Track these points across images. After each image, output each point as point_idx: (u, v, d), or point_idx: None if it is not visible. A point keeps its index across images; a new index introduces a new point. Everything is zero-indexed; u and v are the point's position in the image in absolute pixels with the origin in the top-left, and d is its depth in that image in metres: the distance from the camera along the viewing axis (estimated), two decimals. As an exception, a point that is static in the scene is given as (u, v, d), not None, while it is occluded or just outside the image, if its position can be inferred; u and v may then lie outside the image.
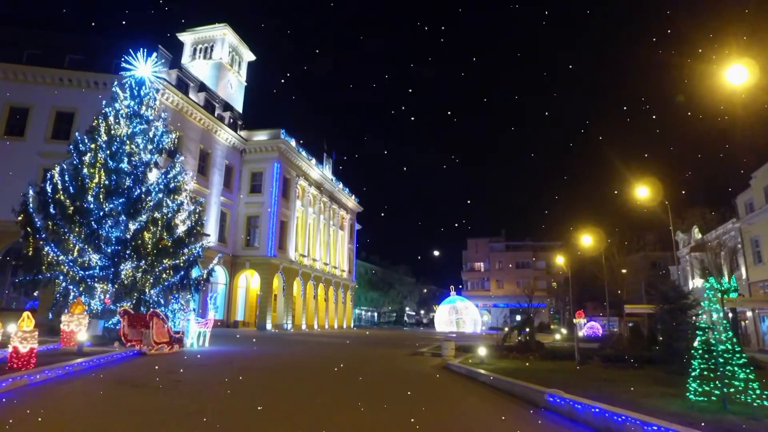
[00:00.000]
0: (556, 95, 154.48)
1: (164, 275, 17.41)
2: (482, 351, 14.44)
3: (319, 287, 50.96)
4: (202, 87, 40.97)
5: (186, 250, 18.25)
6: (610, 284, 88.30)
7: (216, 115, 40.54)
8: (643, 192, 29.82)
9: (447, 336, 44.59)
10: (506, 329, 24.34)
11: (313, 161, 49.53)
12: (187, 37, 54.34)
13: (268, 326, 39.82)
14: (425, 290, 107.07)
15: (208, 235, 36.11)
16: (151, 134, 18.91)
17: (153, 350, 13.99)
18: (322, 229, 52.88)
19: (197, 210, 19.71)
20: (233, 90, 53.32)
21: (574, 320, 69.54)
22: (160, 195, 18.08)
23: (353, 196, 62.78)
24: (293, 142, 44.92)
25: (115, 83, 19.35)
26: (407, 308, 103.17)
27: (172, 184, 18.51)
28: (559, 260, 71.25)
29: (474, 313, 66.89)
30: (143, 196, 17.73)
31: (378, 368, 14.23)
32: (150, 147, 18.69)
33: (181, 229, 18.36)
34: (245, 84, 56.82)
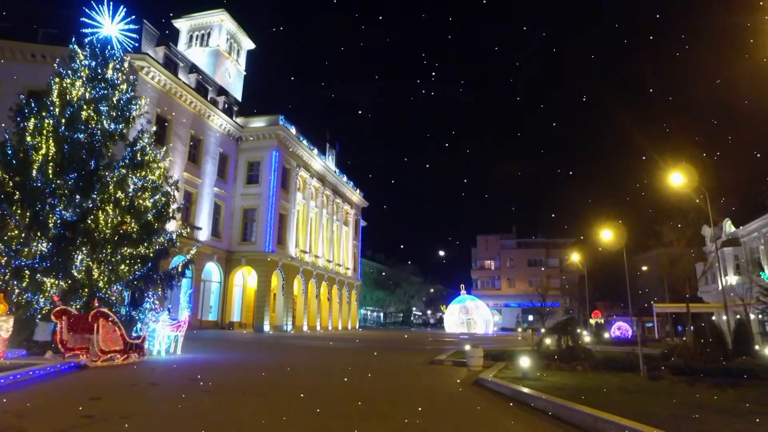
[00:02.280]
0: (568, 84, 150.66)
1: (125, 267, 14.19)
2: (524, 362, 11.15)
3: (322, 286, 47.78)
4: (193, 68, 37.88)
5: (155, 239, 15.01)
6: (626, 283, 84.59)
7: (209, 98, 37.44)
8: (677, 178, 26.60)
9: (459, 338, 41.46)
10: (543, 330, 20.96)
11: (315, 151, 46.35)
12: (182, 24, 51.44)
13: (266, 328, 36.66)
14: (432, 290, 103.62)
15: (200, 229, 33.25)
16: (115, 100, 15.73)
17: (99, 361, 10.85)
18: (324, 224, 49.71)
19: (171, 190, 16.48)
20: (231, 79, 50.40)
21: (591, 320, 66.24)
22: (123, 171, 14.89)
23: (358, 190, 59.56)
24: (293, 130, 41.76)
25: (73, 40, 16.18)
26: (414, 308, 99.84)
27: (139, 158, 15.32)
28: (575, 257, 67.94)
29: (485, 313, 63.51)
30: (102, 171, 14.56)
31: (391, 385, 11.00)
32: (114, 114, 15.51)
33: (150, 213, 15.14)
34: (244, 73, 53.91)
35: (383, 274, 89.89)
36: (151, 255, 14.84)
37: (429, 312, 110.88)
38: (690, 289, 65.49)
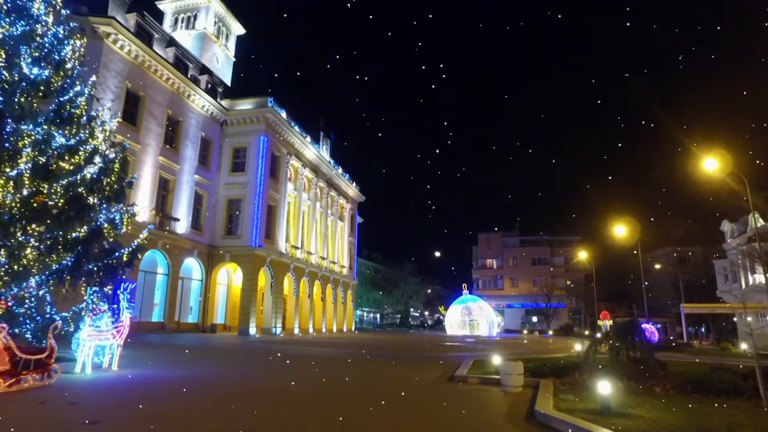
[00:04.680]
0: (576, 76, 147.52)
1: (46, 253, 10.50)
2: (604, 387, 7.53)
3: (315, 285, 44.07)
4: (172, 42, 34.12)
5: (88, 217, 11.33)
6: (634, 282, 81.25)
7: (189, 76, 33.69)
8: (711, 164, 23.23)
9: (464, 341, 37.90)
10: (598, 335, 17.25)
11: (308, 139, 42.64)
12: (167, 6, 47.75)
13: (252, 331, 32.94)
14: (429, 290, 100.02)
15: (178, 220, 29.06)
16: (39, 39, 12.03)
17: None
18: (318, 219, 46.01)
19: (117, 157, 12.80)
20: (220, 65, 46.75)
21: (599, 322, 62.74)
22: (46, 127, 11.20)
23: (354, 183, 55.85)
24: (284, 114, 38.06)
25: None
26: (412, 309, 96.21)
27: (69, 110, 11.63)
28: (582, 255, 64.52)
29: (489, 313, 59.99)
30: (15, 126, 10.87)
31: (407, 426, 7.38)
32: (36, 54, 11.81)
33: (80, 181, 11.45)
34: (234, 60, 50.25)
35: (380, 274, 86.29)
36: (81, 237, 11.12)
37: (427, 313, 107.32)
38: (699, 290, 62.49)
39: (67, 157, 11.40)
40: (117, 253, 12.38)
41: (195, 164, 33.56)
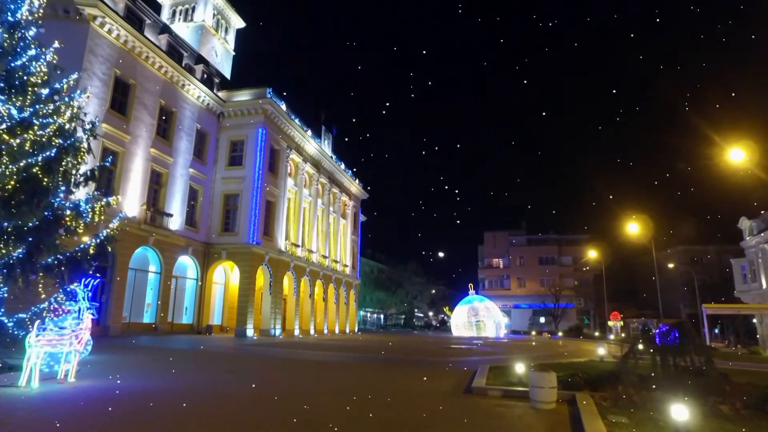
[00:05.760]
0: (585, 68, 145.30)
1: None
2: (679, 411, 5.79)
3: (317, 285, 42.39)
4: (165, 29, 32.52)
5: (50, 202, 9.67)
6: (643, 282, 79.03)
7: (183, 65, 32.07)
8: (737, 155, 21.45)
9: (472, 342, 36.07)
10: (647, 331, 15.23)
11: (309, 133, 40.95)
12: (165, -3, 46.25)
13: (250, 332, 31.29)
14: (434, 291, 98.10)
15: (171, 216, 27.20)
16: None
17: None
18: (320, 216, 44.32)
19: (85, 137, 11.14)
20: (219, 58, 45.23)
21: (609, 323, 60.68)
22: (-6, 96, 9.54)
23: (357, 180, 54.12)
24: (283, 106, 36.39)
25: None
26: (416, 310, 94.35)
27: (21, 77, 9.98)
28: (592, 254, 62.61)
29: (496, 314, 58.15)
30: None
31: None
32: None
33: (37, 160, 9.78)
34: (233, 54, 48.72)
35: (384, 273, 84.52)
36: (35, 228, 9.45)
37: (431, 314, 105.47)
38: (713, 290, 60.46)
39: (19, 132, 9.72)
40: (83, 245, 10.69)
41: (190, 157, 31.94)
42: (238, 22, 49.90)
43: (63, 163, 10.66)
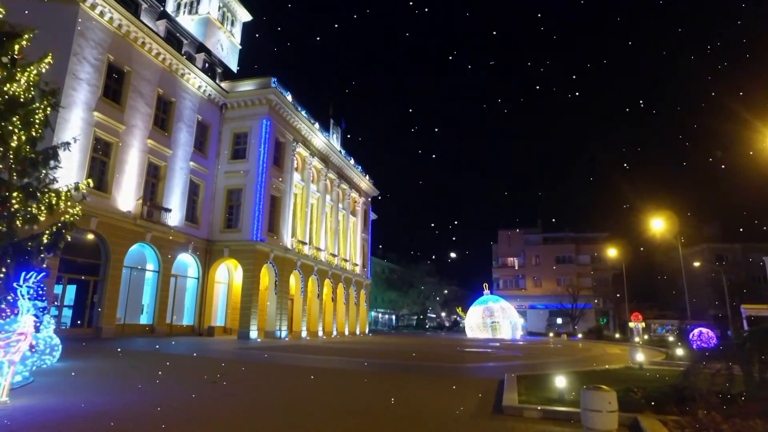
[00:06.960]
0: (604, 62, 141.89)
1: None
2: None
3: (325, 284, 40.62)
4: (163, 15, 30.95)
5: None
6: (663, 282, 75.94)
7: (183, 53, 30.50)
8: None
9: (489, 345, 34.03)
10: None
11: (317, 125, 39.20)
12: (168, -10, 44.90)
13: (253, 334, 29.59)
14: (446, 291, 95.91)
15: (170, 211, 25.16)
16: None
17: None
18: (328, 213, 42.55)
19: (42, 108, 9.41)
20: (224, 52, 43.79)
21: (630, 324, 58.00)
22: None
23: (367, 176, 52.25)
24: (289, 97, 34.66)
25: None
26: (429, 310, 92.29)
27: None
28: (611, 253, 60.11)
29: (512, 315, 55.97)
30: None
31: None
32: None
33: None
34: (239, 47, 47.28)
35: (395, 273, 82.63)
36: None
37: (444, 314, 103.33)
38: (741, 289, 57.63)
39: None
40: (33, 234, 8.95)
41: (190, 150, 30.34)
42: (244, 15, 48.47)
43: (13, 138, 8.95)
